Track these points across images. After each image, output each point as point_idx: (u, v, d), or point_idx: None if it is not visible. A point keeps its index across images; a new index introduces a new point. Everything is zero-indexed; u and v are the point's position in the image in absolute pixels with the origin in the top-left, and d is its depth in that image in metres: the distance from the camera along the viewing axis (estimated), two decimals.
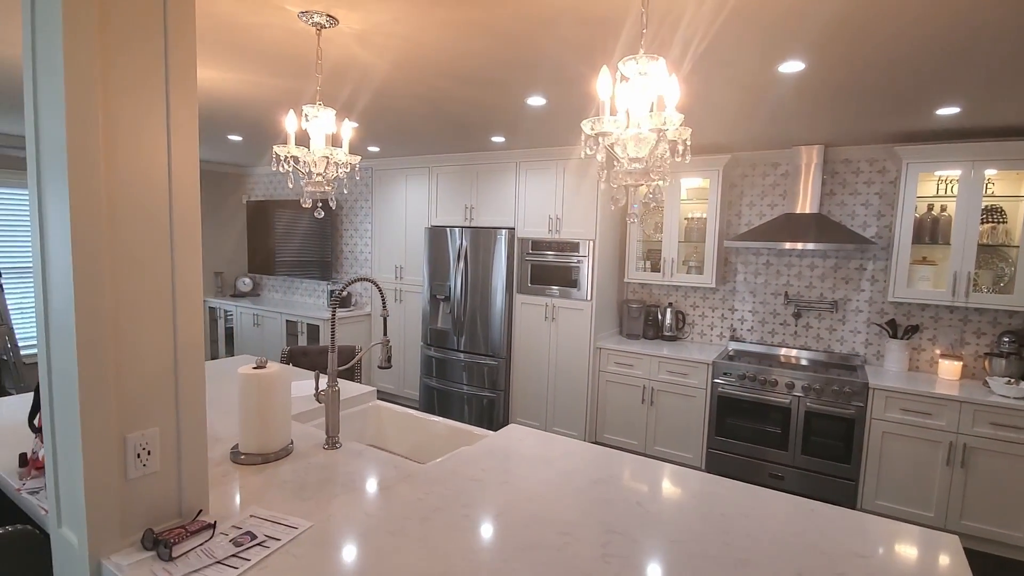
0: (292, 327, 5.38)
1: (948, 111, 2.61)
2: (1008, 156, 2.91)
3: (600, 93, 1.11)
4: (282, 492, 1.49)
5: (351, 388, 2.45)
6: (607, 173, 1.16)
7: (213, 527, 1.27)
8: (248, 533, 1.27)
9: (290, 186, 1.77)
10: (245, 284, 6.37)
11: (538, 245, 4.18)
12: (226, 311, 6.03)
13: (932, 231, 3.24)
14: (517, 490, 1.54)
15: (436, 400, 4.71)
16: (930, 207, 3.26)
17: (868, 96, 2.43)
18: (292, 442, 1.79)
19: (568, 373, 4.11)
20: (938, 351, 3.40)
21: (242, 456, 1.68)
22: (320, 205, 1.82)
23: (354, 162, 1.79)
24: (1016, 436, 2.77)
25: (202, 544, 1.21)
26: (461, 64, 2.21)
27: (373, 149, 4.52)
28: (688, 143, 1.17)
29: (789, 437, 3.35)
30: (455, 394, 4.60)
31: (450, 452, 1.82)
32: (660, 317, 4.24)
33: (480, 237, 4.36)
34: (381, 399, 2.46)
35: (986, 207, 3.08)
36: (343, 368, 1.88)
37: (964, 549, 2.89)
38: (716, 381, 3.57)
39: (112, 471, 1.17)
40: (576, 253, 4.01)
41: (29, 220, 1.19)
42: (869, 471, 3.13)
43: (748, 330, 4.03)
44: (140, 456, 1.21)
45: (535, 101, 2.71)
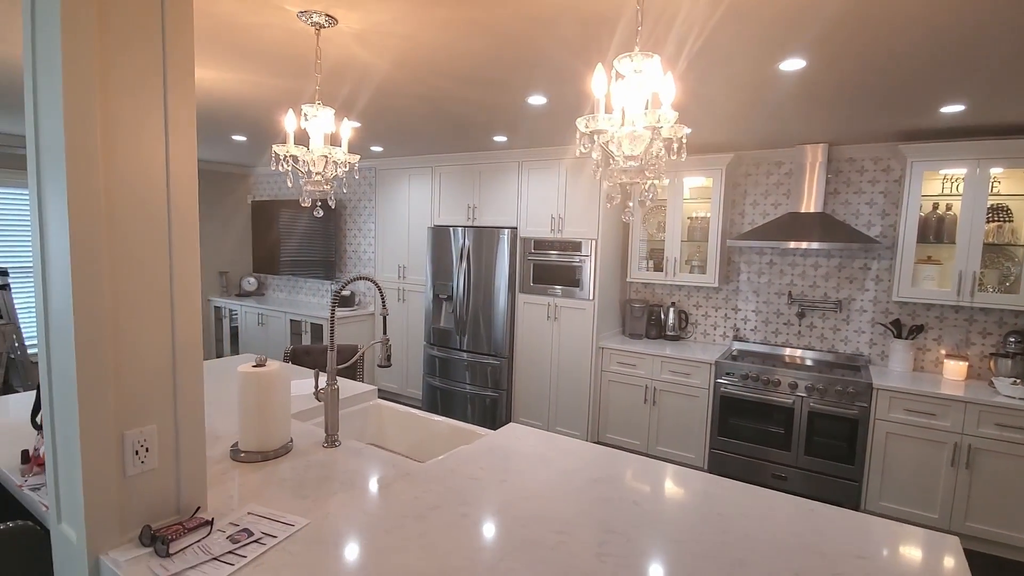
0: (296, 326, 5.40)
1: (953, 109, 2.59)
2: (1014, 154, 2.88)
3: (595, 91, 1.11)
4: (281, 490, 1.50)
5: (352, 387, 2.45)
6: (603, 171, 1.16)
7: (211, 524, 1.28)
8: (245, 530, 1.27)
9: (289, 185, 1.77)
10: (250, 284, 6.40)
11: (540, 244, 4.18)
12: (231, 310, 6.07)
13: (937, 230, 3.21)
14: (515, 489, 1.54)
15: (439, 399, 4.71)
16: (935, 206, 3.24)
17: (871, 94, 2.41)
18: (292, 440, 1.80)
19: (570, 373, 4.10)
20: (943, 351, 3.37)
21: (242, 454, 1.69)
22: (319, 204, 1.83)
23: (353, 161, 1.79)
24: (1022, 437, 2.75)
25: (199, 541, 1.22)
26: (461, 63, 2.21)
27: (376, 149, 4.54)
28: (684, 141, 1.17)
29: (792, 437, 3.33)
30: (458, 393, 4.60)
31: (450, 451, 1.82)
32: (663, 317, 4.23)
33: (483, 237, 4.37)
34: (384, 398, 2.47)
35: (992, 206, 3.06)
36: (343, 367, 1.88)
37: (968, 551, 2.89)
38: (719, 381, 3.55)
39: (110, 468, 1.18)
40: (578, 252, 4.00)
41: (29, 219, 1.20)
42: (873, 472, 3.10)
43: (752, 330, 4.01)
44: (138, 453, 1.21)
45: (536, 100, 2.71)
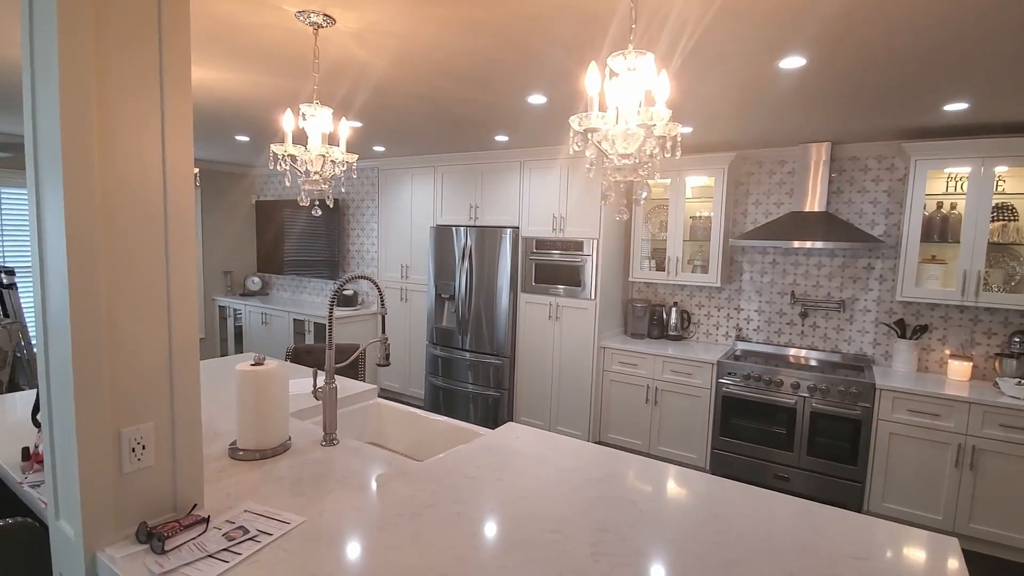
0: (299, 326, 5.42)
1: (956, 107, 2.57)
2: (1019, 153, 2.85)
3: (588, 89, 1.11)
4: (278, 488, 1.51)
5: (352, 386, 2.46)
6: (596, 169, 1.15)
7: (207, 521, 1.28)
8: (241, 527, 1.28)
9: (287, 185, 1.78)
10: (254, 283, 6.43)
11: (542, 244, 4.18)
12: (235, 310, 6.10)
13: (941, 229, 3.18)
14: (511, 488, 1.54)
15: (442, 399, 4.72)
16: (939, 205, 3.21)
17: (873, 92, 2.40)
18: (290, 438, 1.81)
19: (572, 372, 4.10)
20: (948, 351, 3.34)
21: (240, 452, 1.69)
22: (318, 204, 1.83)
23: (351, 160, 1.80)
24: None
25: (195, 538, 1.23)
26: (459, 63, 2.21)
27: (378, 149, 4.55)
28: (679, 139, 1.16)
29: (795, 438, 3.31)
30: (460, 393, 4.61)
31: (448, 450, 1.82)
32: (665, 316, 4.21)
33: (485, 236, 4.37)
34: (387, 397, 2.47)
35: (997, 205, 3.03)
36: (340, 366, 1.89)
37: (972, 553, 2.87)
38: (721, 381, 3.54)
39: (107, 465, 1.18)
40: (580, 252, 4.00)
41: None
42: (876, 473, 3.08)
43: (754, 330, 4.00)
44: (135, 450, 1.22)
45: (535, 99, 2.71)
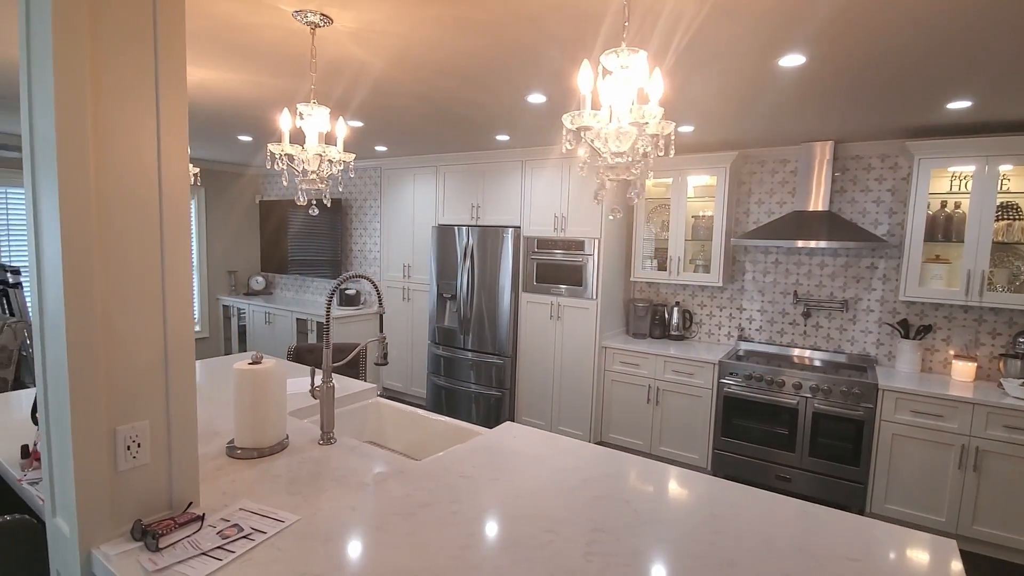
0: (302, 325, 5.44)
1: (959, 105, 2.54)
2: (1023, 151, 2.82)
3: (581, 87, 1.10)
4: (274, 486, 1.51)
5: (352, 385, 2.47)
6: (588, 168, 1.15)
7: (201, 519, 1.29)
8: (235, 525, 1.28)
9: (284, 184, 1.78)
10: (258, 283, 6.46)
11: (544, 244, 4.17)
12: (239, 309, 6.13)
13: (945, 228, 3.16)
14: (507, 487, 1.54)
15: (444, 399, 4.72)
16: (943, 204, 3.18)
17: (875, 90, 2.38)
18: (287, 437, 1.82)
19: (573, 372, 4.09)
20: (952, 352, 3.31)
21: (238, 451, 1.70)
22: (315, 203, 1.84)
23: (348, 160, 1.80)
24: None
25: (189, 536, 1.23)
26: (458, 62, 2.21)
27: (380, 148, 4.56)
28: (672, 138, 1.16)
29: (796, 439, 3.29)
30: (462, 393, 4.61)
31: (446, 450, 1.82)
32: (667, 316, 4.20)
33: (486, 236, 4.37)
34: (390, 397, 2.48)
35: (1001, 204, 3.00)
36: (338, 365, 1.89)
37: (976, 555, 2.84)
38: (722, 381, 3.52)
39: (102, 463, 1.19)
40: (581, 251, 3.99)
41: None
42: (879, 474, 3.06)
43: (757, 330, 3.98)
44: (130, 448, 1.23)
45: (535, 99, 2.70)
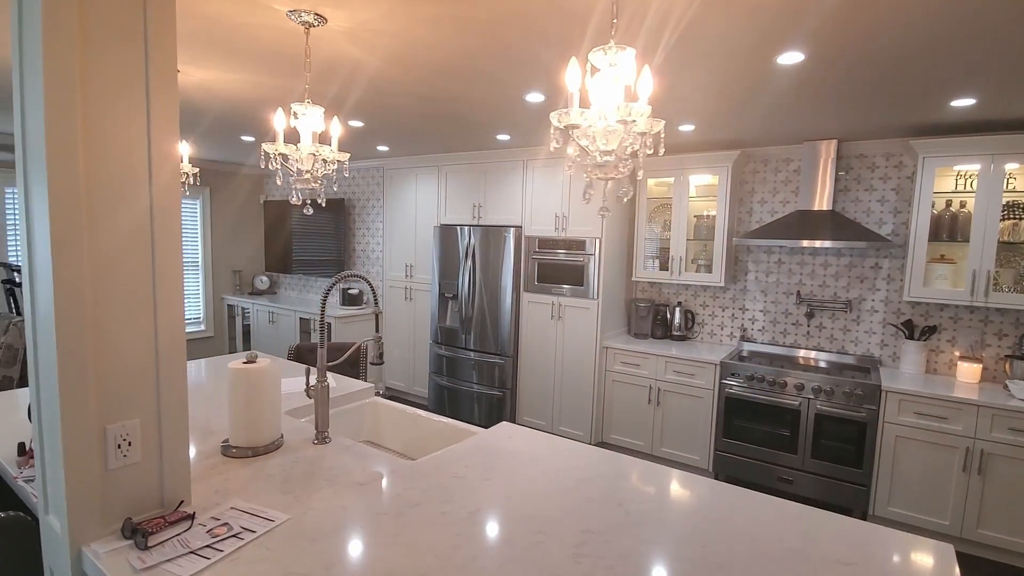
0: (305, 324, 5.46)
1: (963, 103, 2.51)
2: None
3: (569, 85, 1.10)
4: (267, 485, 1.51)
5: (350, 384, 2.47)
6: (576, 167, 1.14)
7: (192, 518, 1.29)
8: (225, 524, 1.29)
9: (279, 183, 1.79)
10: (262, 282, 6.49)
11: (545, 243, 4.16)
12: (243, 308, 6.16)
13: (950, 228, 3.12)
14: (499, 488, 1.53)
15: (446, 398, 4.72)
16: (948, 203, 3.15)
17: (876, 88, 2.35)
18: (282, 436, 1.82)
19: (574, 372, 4.08)
20: (957, 353, 3.27)
21: (232, 449, 1.70)
22: (309, 203, 1.84)
23: (342, 159, 1.80)
24: None
25: (179, 534, 1.24)
26: (454, 61, 2.21)
27: (382, 148, 4.56)
28: (662, 136, 1.15)
29: (799, 440, 3.26)
30: (464, 392, 4.61)
31: (440, 449, 1.82)
32: (669, 316, 4.18)
33: (488, 235, 4.36)
34: (392, 397, 2.48)
35: (1007, 203, 2.95)
36: (334, 364, 1.89)
37: (980, 559, 2.80)
38: (724, 382, 3.50)
39: (92, 461, 1.20)
40: (583, 251, 3.97)
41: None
42: (882, 477, 3.03)
43: (759, 330, 3.95)
44: (120, 447, 1.23)
45: (534, 98, 2.69)
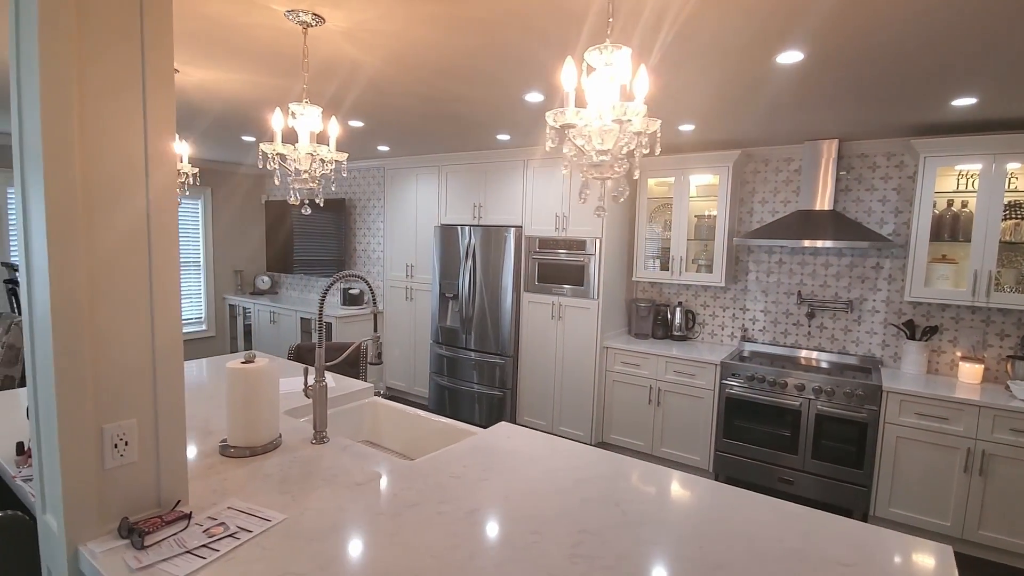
0: (306, 324, 5.47)
1: (964, 102, 2.50)
2: None
3: (564, 84, 1.09)
4: (264, 485, 1.51)
5: (349, 384, 2.47)
6: (572, 166, 1.14)
7: (188, 517, 1.29)
8: (222, 524, 1.29)
9: (276, 183, 1.79)
10: (264, 282, 6.50)
11: (545, 243, 4.16)
12: (245, 308, 6.17)
13: (952, 228, 3.11)
14: (496, 488, 1.53)
15: (447, 399, 4.72)
16: (950, 203, 3.13)
17: (876, 87, 2.34)
18: (280, 436, 1.82)
19: (574, 372, 4.07)
20: (959, 353, 3.25)
21: (231, 449, 1.70)
22: (307, 203, 1.85)
23: (340, 159, 1.80)
24: None
25: (176, 534, 1.24)
26: (453, 61, 2.21)
27: (383, 148, 4.56)
28: (659, 136, 1.14)
29: (799, 441, 3.25)
30: (465, 392, 4.60)
31: (439, 449, 1.82)
32: (670, 316, 4.17)
33: (488, 235, 4.36)
34: (392, 397, 2.48)
35: (1008, 202, 2.94)
36: (332, 364, 1.90)
37: (982, 560, 2.79)
38: (724, 382, 3.49)
39: (89, 460, 1.20)
40: (583, 251, 3.97)
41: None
42: (883, 477, 3.02)
43: (760, 330, 3.94)
44: (117, 446, 1.23)
45: (533, 97, 2.69)
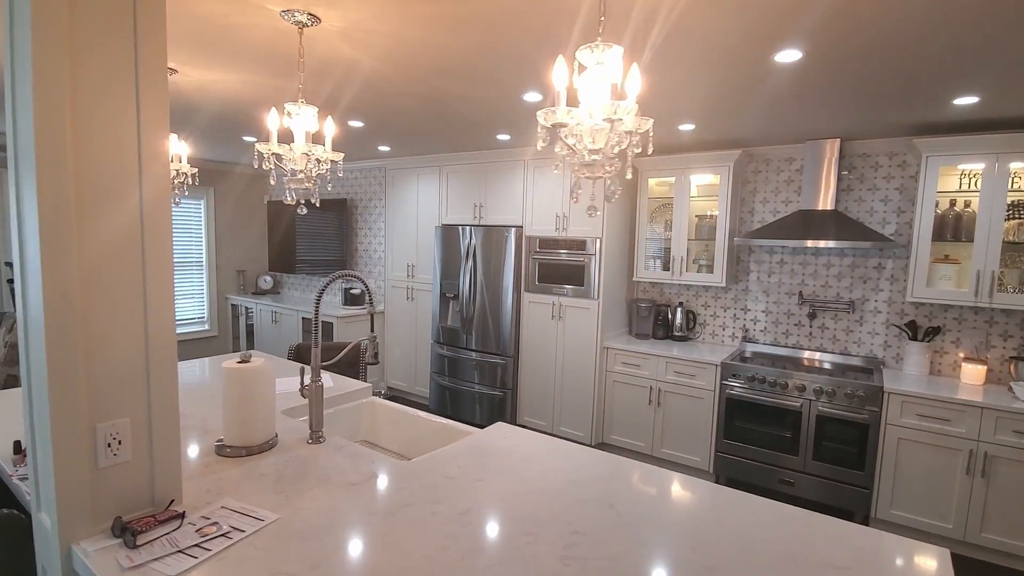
0: (307, 324, 5.48)
1: (966, 101, 2.48)
2: None
3: (555, 83, 1.09)
4: (259, 484, 1.51)
5: (347, 384, 2.47)
6: (564, 165, 1.13)
7: (182, 517, 1.29)
8: (215, 523, 1.29)
9: (272, 183, 1.79)
10: (266, 282, 6.52)
11: (545, 243, 4.15)
12: (247, 308, 6.19)
13: (954, 228, 3.08)
14: (491, 488, 1.53)
15: (448, 399, 4.72)
16: (952, 203, 3.11)
17: (877, 86, 2.32)
18: (276, 435, 1.82)
19: (575, 372, 4.07)
20: (961, 354, 3.23)
21: (227, 449, 1.71)
22: (303, 203, 1.85)
23: (336, 159, 1.80)
24: None
25: (168, 533, 1.24)
26: (450, 60, 2.20)
27: (384, 148, 4.57)
28: (651, 135, 1.14)
29: (800, 442, 3.24)
30: (466, 393, 4.60)
31: (435, 450, 1.82)
32: (670, 317, 4.15)
33: (489, 235, 4.36)
34: (393, 397, 2.48)
35: (1012, 202, 2.92)
36: (328, 363, 1.90)
37: (983, 563, 2.77)
38: (725, 383, 3.47)
39: (82, 459, 1.20)
40: (583, 251, 3.96)
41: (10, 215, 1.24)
42: (884, 479, 3.00)
43: (761, 331, 3.92)
44: (111, 446, 1.23)
45: (531, 97, 2.68)
